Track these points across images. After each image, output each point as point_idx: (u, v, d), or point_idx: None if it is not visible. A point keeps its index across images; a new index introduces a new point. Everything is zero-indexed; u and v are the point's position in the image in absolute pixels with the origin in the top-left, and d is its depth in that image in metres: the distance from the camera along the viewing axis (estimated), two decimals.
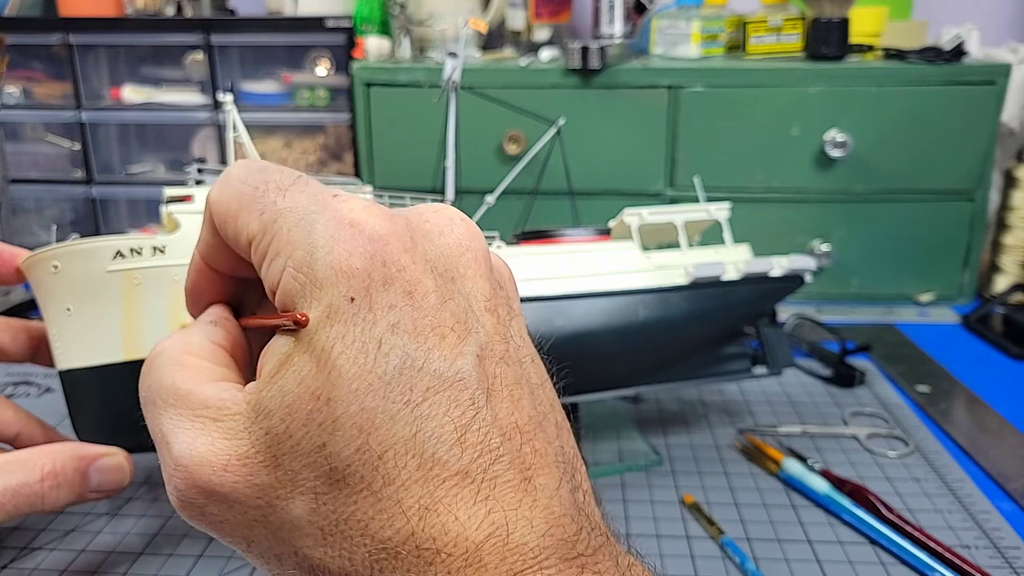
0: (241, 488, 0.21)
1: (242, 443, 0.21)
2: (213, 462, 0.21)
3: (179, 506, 0.22)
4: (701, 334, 0.54)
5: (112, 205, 1.17)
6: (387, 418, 0.20)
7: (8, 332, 0.45)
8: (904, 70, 0.83)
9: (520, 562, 0.20)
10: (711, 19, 0.91)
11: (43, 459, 0.39)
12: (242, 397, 0.22)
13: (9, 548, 0.46)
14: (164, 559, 0.45)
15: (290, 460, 0.20)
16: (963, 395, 0.66)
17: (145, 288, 0.42)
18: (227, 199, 0.24)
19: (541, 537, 0.20)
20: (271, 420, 0.21)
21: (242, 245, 0.23)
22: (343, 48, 1.03)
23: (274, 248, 0.22)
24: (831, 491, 0.50)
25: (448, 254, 0.23)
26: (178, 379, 0.23)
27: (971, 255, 0.87)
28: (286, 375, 0.21)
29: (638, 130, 0.86)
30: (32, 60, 1.13)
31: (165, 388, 0.23)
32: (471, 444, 0.20)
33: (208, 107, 1.09)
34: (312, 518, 0.20)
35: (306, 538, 0.21)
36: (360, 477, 0.20)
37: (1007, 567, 0.44)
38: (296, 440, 0.20)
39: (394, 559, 0.20)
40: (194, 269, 0.26)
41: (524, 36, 1.04)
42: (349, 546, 0.20)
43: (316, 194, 0.23)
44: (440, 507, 0.20)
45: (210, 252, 0.25)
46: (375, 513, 0.20)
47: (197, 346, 0.25)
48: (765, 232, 0.71)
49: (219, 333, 0.25)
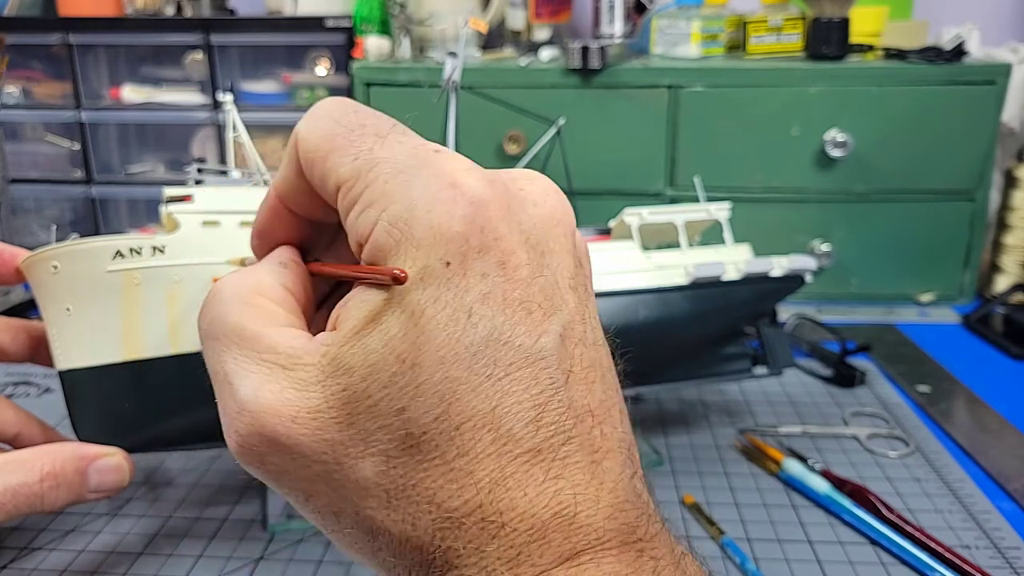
0: (308, 442, 0.20)
1: (314, 396, 0.20)
2: (281, 411, 0.20)
3: (238, 451, 0.21)
4: (701, 334, 0.54)
5: (112, 205, 1.17)
6: (469, 390, 0.20)
7: (8, 332, 0.45)
8: (904, 70, 0.83)
9: (583, 542, 0.20)
10: (711, 19, 0.91)
11: (42, 459, 0.39)
12: (315, 348, 0.21)
13: (9, 548, 0.46)
14: (164, 559, 0.45)
15: (365, 420, 0.20)
16: (963, 395, 0.66)
17: (145, 288, 0.42)
18: (318, 137, 0.22)
19: (605, 520, 0.20)
20: (351, 377, 0.20)
21: (328, 188, 0.22)
22: (343, 48, 1.03)
23: (367, 197, 0.21)
24: (831, 491, 0.50)
25: (541, 226, 0.22)
26: (245, 318, 0.22)
27: (971, 255, 0.87)
28: (372, 333, 0.20)
29: (638, 130, 0.86)
30: (32, 60, 1.13)
31: (230, 326, 0.22)
32: (546, 423, 0.20)
33: (208, 107, 1.09)
34: (379, 480, 0.20)
35: (370, 499, 0.20)
36: (435, 445, 0.20)
37: (1007, 567, 0.44)
38: (375, 401, 0.20)
39: (457, 528, 0.20)
40: (268, 207, 0.25)
41: (524, 36, 1.04)
42: (414, 511, 0.20)
43: (417, 147, 0.22)
44: (510, 482, 0.20)
45: (288, 191, 0.24)
46: (444, 482, 0.20)
47: (268, 287, 0.23)
48: (765, 232, 0.71)
49: (288, 276, 0.24)
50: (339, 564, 0.45)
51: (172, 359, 0.42)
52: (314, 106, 0.23)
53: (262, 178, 0.49)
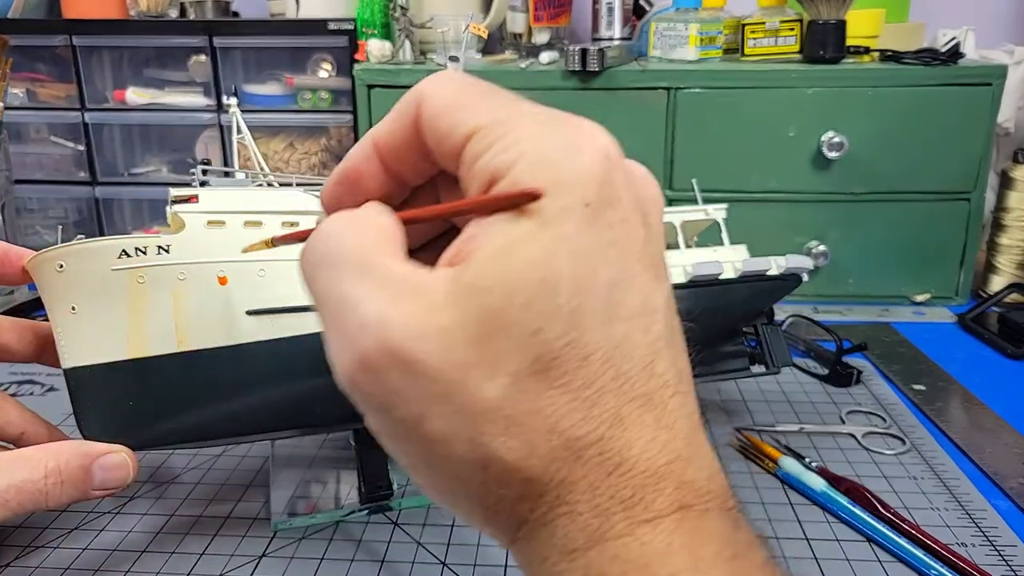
0: (435, 359, 0.20)
1: (444, 316, 0.20)
2: (410, 325, 0.20)
3: (355, 370, 0.21)
4: (699, 333, 0.54)
5: (115, 206, 1.17)
6: (598, 323, 0.20)
7: (14, 331, 0.45)
8: (900, 72, 0.84)
9: (692, 496, 0.20)
10: (709, 22, 0.91)
11: (47, 456, 0.40)
12: (442, 275, 0.21)
13: (12, 546, 0.46)
14: (167, 556, 0.45)
15: (499, 339, 0.20)
16: (959, 394, 0.67)
17: (150, 287, 0.42)
18: (450, 91, 0.22)
19: (708, 480, 0.21)
20: (490, 296, 0.20)
21: (456, 136, 0.22)
22: (345, 50, 1.04)
23: (509, 139, 0.21)
24: (828, 489, 0.50)
25: (647, 202, 0.23)
26: (366, 245, 0.21)
27: (967, 255, 0.87)
28: (514, 255, 0.20)
29: (636, 132, 0.87)
30: (36, 62, 1.13)
31: (349, 252, 0.21)
32: (657, 374, 0.21)
33: (211, 109, 1.10)
34: (502, 404, 0.20)
35: (489, 424, 0.20)
36: (563, 371, 0.20)
37: (1003, 564, 0.45)
38: (511, 319, 0.20)
39: (575, 460, 0.20)
40: (360, 152, 0.24)
41: (524, 39, 1.05)
42: (533, 439, 0.20)
43: (551, 109, 0.23)
44: (627, 421, 0.20)
45: (391, 142, 0.24)
46: (568, 411, 0.20)
47: (386, 223, 0.22)
48: (762, 233, 0.71)
49: (394, 219, 0.23)
50: (341, 561, 0.45)
51: (177, 357, 0.43)
52: (433, 75, 0.24)
53: (266, 179, 0.50)
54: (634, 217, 0.22)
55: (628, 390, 0.20)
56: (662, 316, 0.22)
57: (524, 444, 0.20)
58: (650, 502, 0.20)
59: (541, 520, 0.20)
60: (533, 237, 0.20)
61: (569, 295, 0.20)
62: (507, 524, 0.21)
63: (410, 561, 0.45)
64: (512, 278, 0.20)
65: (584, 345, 0.20)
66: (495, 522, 0.21)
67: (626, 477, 0.20)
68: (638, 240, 0.22)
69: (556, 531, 0.20)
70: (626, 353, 0.20)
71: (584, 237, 0.20)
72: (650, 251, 0.22)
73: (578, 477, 0.20)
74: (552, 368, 0.20)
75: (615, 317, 0.20)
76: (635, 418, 0.20)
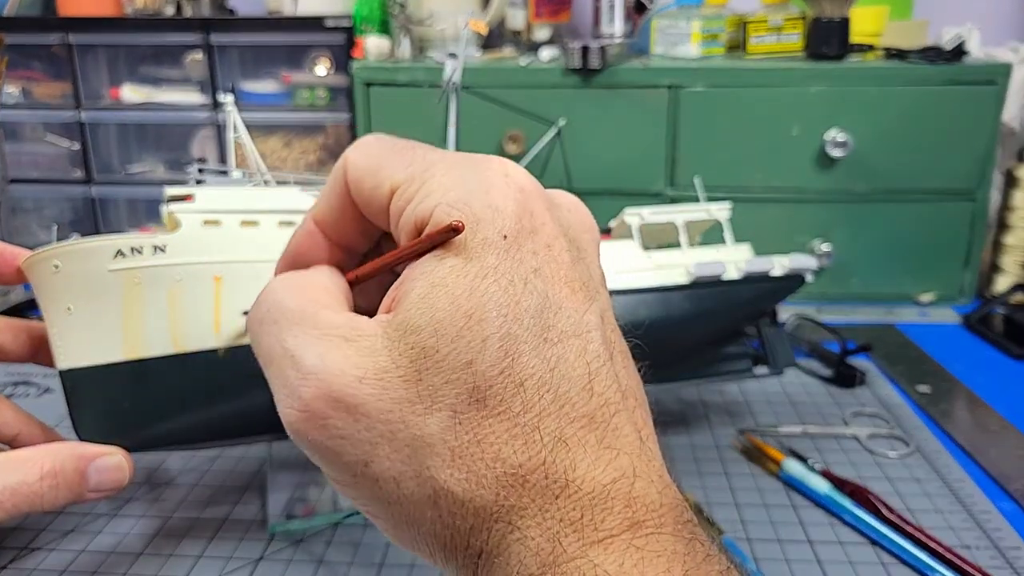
0: (374, 401, 0.21)
1: (380, 359, 0.21)
2: (348, 372, 0.21)
3: (301, 419, 0.22)
4: (702, 333, 0.54)
5: (111, 205, 1.17)
6: (529, 349, 0.21)
7: (9, 332, 0.45)
8: (905, 70, 0.83)
9: (643, 512, 0.20)
10: (711, 19, 0.91)
11: (42, 458, 0.39)
12: (376, 320, 0.22)
13: (9, 548, 0.46)
14: (164, 559, 0.45)
15: (433, 375, 0.21)
16: (964, 395, 0.66)
17: (146, 287, 0.42)
18: (371, 155, 0.24)
19: (659, 494, 0.21)
20: (419, 335, 0.21)
21: (380, 195, 0.24)
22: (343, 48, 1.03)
23: (425, 190, 0.23)
24: (832, 491, 0.50)
25: (575, 227, 0.24)
26: (305, 302, 0.23)
27: (972, 255, 0.87)
28: (438, 294, 0.21)
29: (638, 130, 0.86)
30: (31, 60, 1.13)
31: (290, 309, 0.23)
32: (597, 392, 0.21)
33: (208, 107, 1.09)
34: (445, 436, 0.20)
35: (435, 457, 0.20)
36: (500, 399, 0.20)
37: (1008, 567, 0.44)
38: (443, 355, 0.20)
39: (521, 486, 0.20)
40: (303, 232, 0.26)
41: (524, 36, 1.04)
42: (478, 469, 0.20)
43: (463, 154, 0.24)
44: (571, 442, 0.20)
45: (329, 216, 0.26)
46: (509, 438, 0.20)
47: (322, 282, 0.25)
48: (766, 232, 0.71)
49: (337, 278, 0.25)
50: (339, 564, 0.45)
51: (173, 358, 0.42)
52: (357, 140, 0.25)
53: (262, 178, 0.49)
54: (558, 242, 0.23)
55: (568, 411, 0.21)
56: (598, 335, 0.22)
57: (471, 474, 0.20)
58: (599, 522, 0.20)
59: (496, 549, 0.20)
60: (458, 272, 0.21)
61: (497, 324, 0.21)
62: (465, 558, 0.21)
63: (408, 564, 0.44)
64: (439, 316, 0.21)
65: (518, 371, 0.20)
66: (455, 558, 0.21)
67: (573, 499, 0.20)
68: (564, 264, 0.22)
69: (511, 558, 0.20)
70: (563, 375, 0.21)
71: (507, 266, 0.21)
72: (579, 272, 0.23)
73: (526, 502, 0.20)
74: (489, 397, 0.20)
75: (547, 340, 0.21)
76: (578, 439, 0.20)
